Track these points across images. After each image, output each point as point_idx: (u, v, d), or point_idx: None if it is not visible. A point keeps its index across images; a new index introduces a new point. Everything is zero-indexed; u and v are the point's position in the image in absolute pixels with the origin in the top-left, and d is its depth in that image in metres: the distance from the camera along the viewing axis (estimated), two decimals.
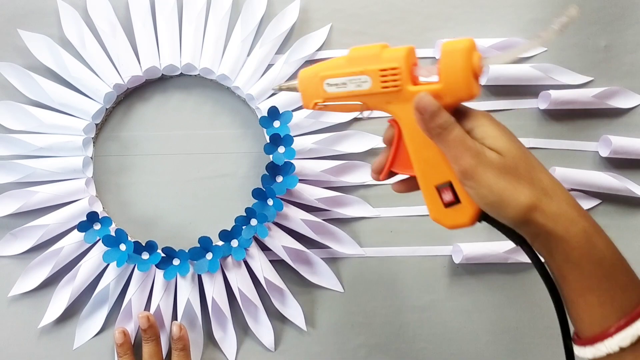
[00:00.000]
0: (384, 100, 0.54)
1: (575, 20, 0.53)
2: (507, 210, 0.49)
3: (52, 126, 0.77)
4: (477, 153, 0.49)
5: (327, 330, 0.81)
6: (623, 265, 0.48)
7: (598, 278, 0.47)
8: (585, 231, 0.47)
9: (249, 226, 0.77)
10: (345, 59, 0.54)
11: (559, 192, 0.49)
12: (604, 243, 0.47)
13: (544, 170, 0.50)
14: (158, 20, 0.79)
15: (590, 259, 0.47)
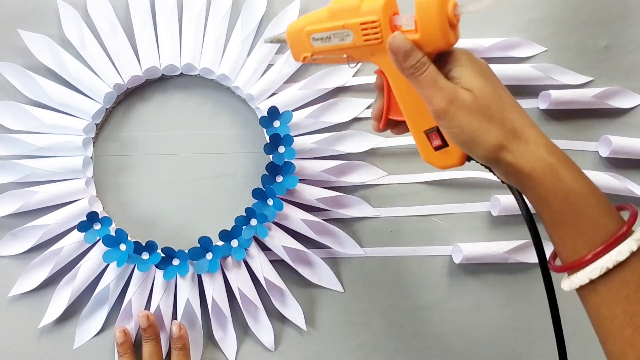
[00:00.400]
0: (367, 52, 0.55)
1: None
2: (478, 150, 0.51)
3: (52, 126, 0.77)
4: (450, 93, 0.50)
5: (327, 330, 0.81)
6: (594, 198, 0.48)
7: (565, 212, 0.48)
8: (551, 166, 0.48)
9: (249, 226, 0.77)
10: (327, 12, 0.55)
11: (528, 131, 0.50)
12: (571, 177, 0.48)
13: (516, 109, 0.51)
14: (158, 20, 0.79)
15: (556, 194, 0.48)
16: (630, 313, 0.47)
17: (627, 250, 0.46)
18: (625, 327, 0.47)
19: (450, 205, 0.82)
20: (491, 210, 0.81)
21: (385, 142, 0.80)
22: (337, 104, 0.80)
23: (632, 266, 0.47)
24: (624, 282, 0.47)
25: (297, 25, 0.58)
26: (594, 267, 0.47)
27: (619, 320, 0.47)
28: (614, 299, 0.48)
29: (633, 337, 0.47)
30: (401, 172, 0.81)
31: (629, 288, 0.47)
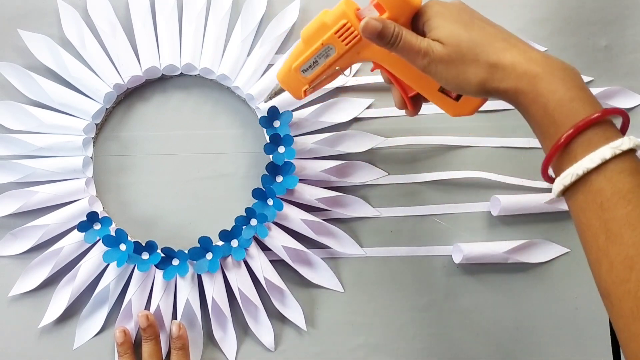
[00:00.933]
0: (354, 54, 0.60)
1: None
2: (467, 91, 0.55)
3: (52, 126, 0.77)
4: (425, 51, 0.54)
5: (327, 330, 0.81)
6: (574, 106, 0.49)
7: (546, 124, 0.51)
8: (531, 81, 0.51)
9: (249, 226, 0.77)
10: (302, 43, 0.60)
11: (504, 57, 0.52)
12: (549, 89, 0.50)
13: (488, 40, 0.53)
14: (158, 20, 0.79)
15: (537, 107, 0.51)
16: (603, 220, 0.47)
17: (599, 157, 0.47)
18: (600, 234, 0.48)
19: (450, 205, 0.82)
20: (491, 210, 0.81)
21: (385, 142, 0.80)
22: (337, 104, 0.80)
23: (609, 174, 0.47)
24: (599, 189, 0.48)
25: (283, 69, 0.63)
26: (564, 175, 0.49)
27: (594, 228, 0.48)
28: (590, 206, 0.48)
29: (606, 244, 0.47)
30: (401, 172, 0.81)
31: (603, 196, 0.47)
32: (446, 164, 0.81)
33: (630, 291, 0.45)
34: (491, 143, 0.82)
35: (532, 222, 0.82)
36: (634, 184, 0.47)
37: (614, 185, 0.47)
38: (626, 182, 0.47)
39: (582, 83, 0.51)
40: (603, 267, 0.48)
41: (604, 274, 0.48)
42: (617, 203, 0.47)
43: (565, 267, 0.82)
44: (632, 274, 0.45)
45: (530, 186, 0.81)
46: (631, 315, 0.45)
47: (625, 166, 0.47)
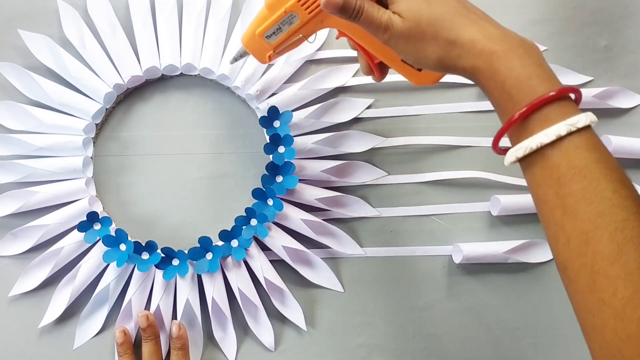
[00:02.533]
0: (318, 22, 0.60)
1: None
2: (427, 66, 0.56)
3: (52, 126, 0.77)
4: (386, 26, 0.54)
5: (327, 330, 0.81)
6: (531, 83, 0.50)
7: (504, 101, 0.51)
8: (488, 59, 0.51)
9: (249, 226, 0.77)
10: (265, 9, 0.60)
11: (463, 33, 0.52)
12: (506, 66, 0.50)
13: (450, 16, 0.53)
14: (158, 20, 0.79)
15: (495, 85, 0.51)
16: (560, 195, 0.48)
17: (554, 133, 0.48)
18: (556, 209, 0.48)
19: (450, 205, 0.82)
20: (491, 210, 0.81)
21: (385, 142, 0.80)
22: (337, 104, 0.80)
23: (564, 150, 0.48)
24: (556, 165, 0.48)
25: (248, 33, 0.63)
26: (518, 147, 0.50)
27: (551, 203, 0.49)
28: (547, 181, 0.49)
29: (562, 219, 0.48)
30: (401, 172, 0.81)
31: (560, 171, 0.48)
32: (446, 164, 0.81)
33: (587, 265, 0.46)
34: (489, 143, 0.82)
35: (532, 222, 0.82)
36: (590, 160, 0.47)
37: (570, 160, 0.48)
38: (582, 158, 0.47)
39: (540, 60, 0.51)
40: (560, 241, 0.48)
41: (561, 249, 0.49)
42: (573, 178, 0.47)
43: None
44: (588, 248, 0.46)
45: None
46: (587, 289, 0.46)
47: (582, 142, 0.48)
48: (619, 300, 0.44)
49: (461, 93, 0.82)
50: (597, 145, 0.48)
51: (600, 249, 0.45)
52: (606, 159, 0.48)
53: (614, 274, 0.45)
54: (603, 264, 0.45)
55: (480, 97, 0.82)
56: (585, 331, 0.48)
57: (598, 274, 0.45)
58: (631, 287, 0.44)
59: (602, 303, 0.45)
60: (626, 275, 0.44)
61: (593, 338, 0.47)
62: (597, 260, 0.45)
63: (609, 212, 0.46)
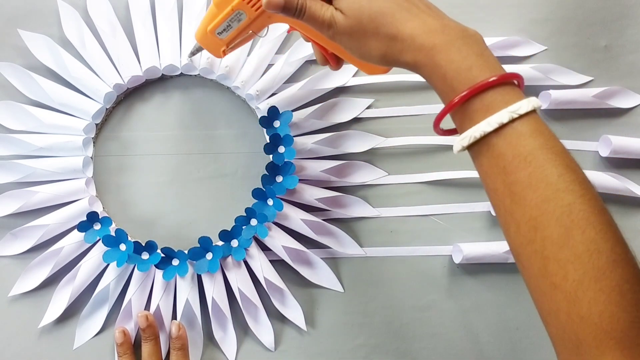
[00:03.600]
0: (266, 18, 0.61)
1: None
2: (372, 61, 0.56)
3: (52, 126, 0.77)
4: (329, 23, 0.55)
5: (327, 330, 0.81)
6: (471, 74, 0.50)
7: (446, 93, 0.51)
8: (428, 53, 0.51)
9: (249, 226, 0.77)
10: (214, 7, 0.61)
11: (404, 28, 0.52)
12: (447, 59, 0.50)
13: (389, 13, 0.53)
14: (158, 20, 0.79)
15: (437, 77, 0.51)
16: (507, 183, 0.48)
17: (496, 122, 0.48)
18: (505, 197, 0.49)
19: (450, 205, 0.82)
20: (491, 210, 0.81)
21: (385, 142, 0.80)
22: (337, 104, 0.80)
23: (508, 138, 0.48)
24: (501, 153, 0.48)
25: (200, 30, 0.64)
26: (463, 136, 0.50)
27: (499, 191, 0.49)
28: (494, 170, 0.49)
29: (511, 207, 0.49)
30: (401, 172, 0.81)
31: (505, 160, 0.48)
32: (446, 164, 0.81)
33: (537, 251, 0.47)
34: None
35: None
36: (534, 146, 0.48)
37: (514, 148, 0.48)
38: (526, 145, 0.48)
39: (481, 49, 0.51)
40: (511, 229, 0.49)
41: (512, 236, 0.50)
42: (519, 166, 0.48)
43: None
44: (537, 234, 0.47)
45: None
46: (540, 274, 0.47)
47: (525, 129, 0.48)
48: (569, 284, 0.45)
49: None
50: (541, 131, 0.49)
51: (548, 234, 0.46)
52: (552, 144, 0.48)
53: (563, 257, 0.46)
54: (552, 248, 0.46)
55: None
56: (542, 316, 0.50)
57: (548, 258, 0.46)
58: (581, 270, 0.45)
59: (554, 287, 0.46)
60: (575, 258, 0.45)
61: (549, 322, 0.49)
62: (547, 246, 0.46)
63: (555, 197, 0.46)
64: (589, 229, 0.46)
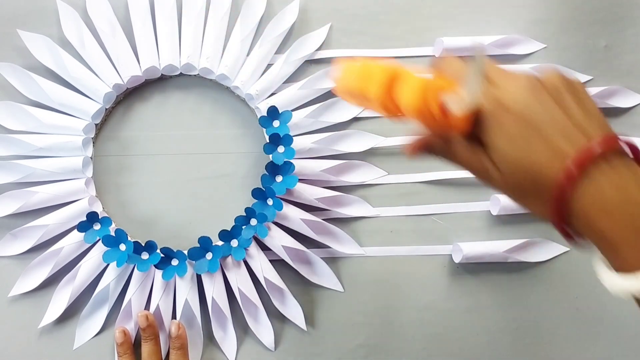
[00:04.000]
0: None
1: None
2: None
3: (51, 126, 0.77)
4: (483, 172, 0.46)
5: (327, 330, 0.81)
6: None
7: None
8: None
9: (249, 226, 0.77)
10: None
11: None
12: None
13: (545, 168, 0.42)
14: (157, 20, 0.79)
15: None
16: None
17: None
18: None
19: (450, 205, 0.82)
20: (491, 209, 0.81)
21: (385, 142, 0.80)
22: (337, 104, 0.80)
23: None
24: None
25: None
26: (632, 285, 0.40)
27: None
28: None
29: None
30: (401, 171, 0.81)
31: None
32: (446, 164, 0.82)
33: None
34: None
35: (532, 222, 0.82)
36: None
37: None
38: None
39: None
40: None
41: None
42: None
43: (565, 266, 0.82)
44: None
45: None
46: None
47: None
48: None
49: None
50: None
51: None
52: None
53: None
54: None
55: None
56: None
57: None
58: None
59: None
60: None
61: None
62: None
63: None
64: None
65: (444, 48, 0.80)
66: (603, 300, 0.81)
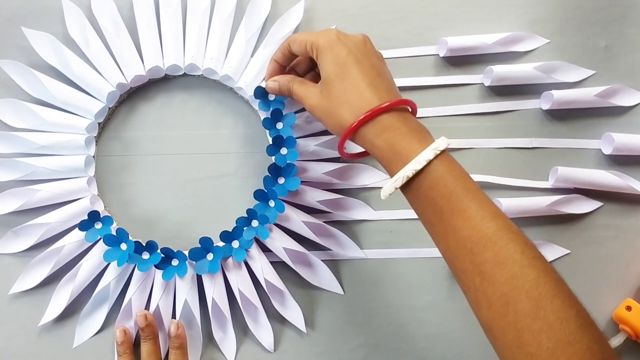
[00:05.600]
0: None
1: None
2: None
3: (54, 124, 0.77)
4: (309, 101, 0.67)
5: (326, 332, 0.81)
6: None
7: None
8: (373, 145, 0.62)
9: (250, 227, 0.77)
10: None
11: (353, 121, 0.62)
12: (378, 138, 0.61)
13: (349, 103, 0.62)
14: (162, 20, 0.79)
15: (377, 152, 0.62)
16: (476, 264, 0.53)
17: (424, 159, 0.56)
18: (475, 276, 0.54)
19: None
20: None
21: None
22: None
23: (473, 222, 0.54)
24: (467, 237, 0.54)
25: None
26: (396, 177, 0.58)
27: (469, 272, 0.55)
28: (461, 251, 0.55)
29: (482, 285, 0.53)
30: None
31: (472, 241, 0.54)
32: None
33: (510, 324, 0.51)
34: (492, 144, 0.82)
35: (532, 224, 0.82)
36: (498, 226, 0.53)
37: (479, 231, 0.53)
38: (490, 227, 0.53)
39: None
40: (483, 305, 0.54)
41: (484, 312, 0.54)
42: (485, 247, 0.53)
43: (566, 268, 0.81)
44: (509, 308, 0.51)
45: (532, 187, 0.82)
46: (515, 345, 0.50)
47: (486, 213, 0.54)
48: (544, 351, 0.49)
49: (463, 94, 0.83)
50: (500, 214, 0.55)
51: (520, 308, 0.50)
52: (510, 225, 0.54)
53: (536, 328, 0.49)
54: (525, 320, 0.50)
55: (481, 98, 0.82)
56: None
57: (522, 330, 0.50)
58: (554, 338, 0.48)
59: (530, 356, 0.49)
60: (547, 327, 0.49)
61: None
62: (520, 318, 0.50)
63: (522, 273, 0.51)
64: (556, 299, 0.50)
65: (448, 48, 0.80)
66: (603, 301, 0.81)
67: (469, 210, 0.54)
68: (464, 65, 0.83)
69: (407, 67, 0.83)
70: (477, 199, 0.55)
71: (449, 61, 0.83)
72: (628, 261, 0.82)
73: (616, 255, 0.82)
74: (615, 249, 0.82)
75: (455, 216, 0.55)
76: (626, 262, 0.82)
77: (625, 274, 0.82)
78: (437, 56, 0.83)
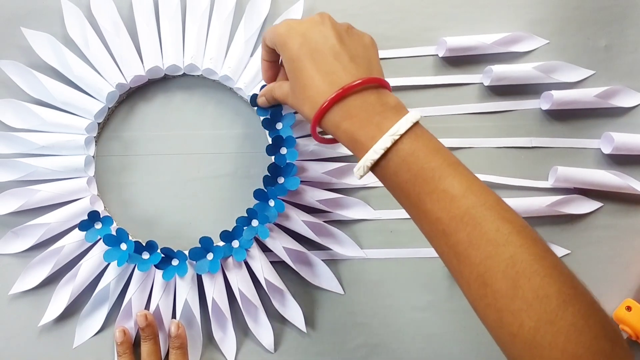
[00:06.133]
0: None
1: None
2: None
3: (54, 125, 0.77)
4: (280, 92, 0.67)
5: (326, 331, 0.81)
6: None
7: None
8: (337, 126, 0.59)
9: (250, 227, 0.77)
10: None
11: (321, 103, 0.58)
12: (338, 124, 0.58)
13: (310, 93, 0.59)
14: (161, 20, 0.79)
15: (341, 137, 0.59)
16: (450, 245, 0.52)
17: (381, 148, 0.54)
18: (452, 258, 0.53)
19: None
20: None
21: None
22: None
23: (442, 200, 0.52)
24: (438, 218, 0.53)
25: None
26: (358, 166, 0.57)
27: (445, 254, 0.54)
28: (436, 234, 0.54)
29: (459, 267, 0.52)
30: None
31: (443, 222, 0.52)
32: None
33: (490, 304, 0.50)
34: (491, 144, 0.82)
35: (532, 224, 0.80)
36: (470, 204, 0.51)
37: (449, 212, 0.52)
38: (461, 206, 0.51)
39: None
40: (464, 287, 0.53)
41: (465, 292, 0.53)
42: (457, 228, 0.51)
43: None
44: (487, 289, 0.50)
45: (532, 187, 0.82)
46: (497, 326, 0.50)
47: (456, 191, 0.52)
48: (526, 331, 0.47)
49: (463, 93, 0.83)
50: (473, 188, 0.53)
51: (497, 288, 0.49)
52: (484, 200, 0.52)
53: (516, 308, 0.48)
54: (504, 301, 0.49)
55: (482, 98, 0.82)
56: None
57: (502, 311, 0.49)
58: (535, 317, 0.47)
59: (513, 336, 0.49)
60: (527, 306, 0.48)
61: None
62: (498, 299, 0.49)
63: (497, 252, 0.49)
64: (535, 276, 0.48)
65: (447, 48, 0.80)
66: (603, 301, 0.80)
67: (436, 191, 0.52)
68: (464, 65, 0.83)
69: (406, 67, 0.83)
70: (447, 177, 0.53)
71: (448, 61, 0.83)
72: (628, 261, 0.82)
73: (616, 255, 0.82)
74: (615, 249, 0.82)
75: (422, 199, 0.53)
76: (626, 262, 0.82)
77: (625, 274, 0.82)
78: (436, 56, 0.83)
